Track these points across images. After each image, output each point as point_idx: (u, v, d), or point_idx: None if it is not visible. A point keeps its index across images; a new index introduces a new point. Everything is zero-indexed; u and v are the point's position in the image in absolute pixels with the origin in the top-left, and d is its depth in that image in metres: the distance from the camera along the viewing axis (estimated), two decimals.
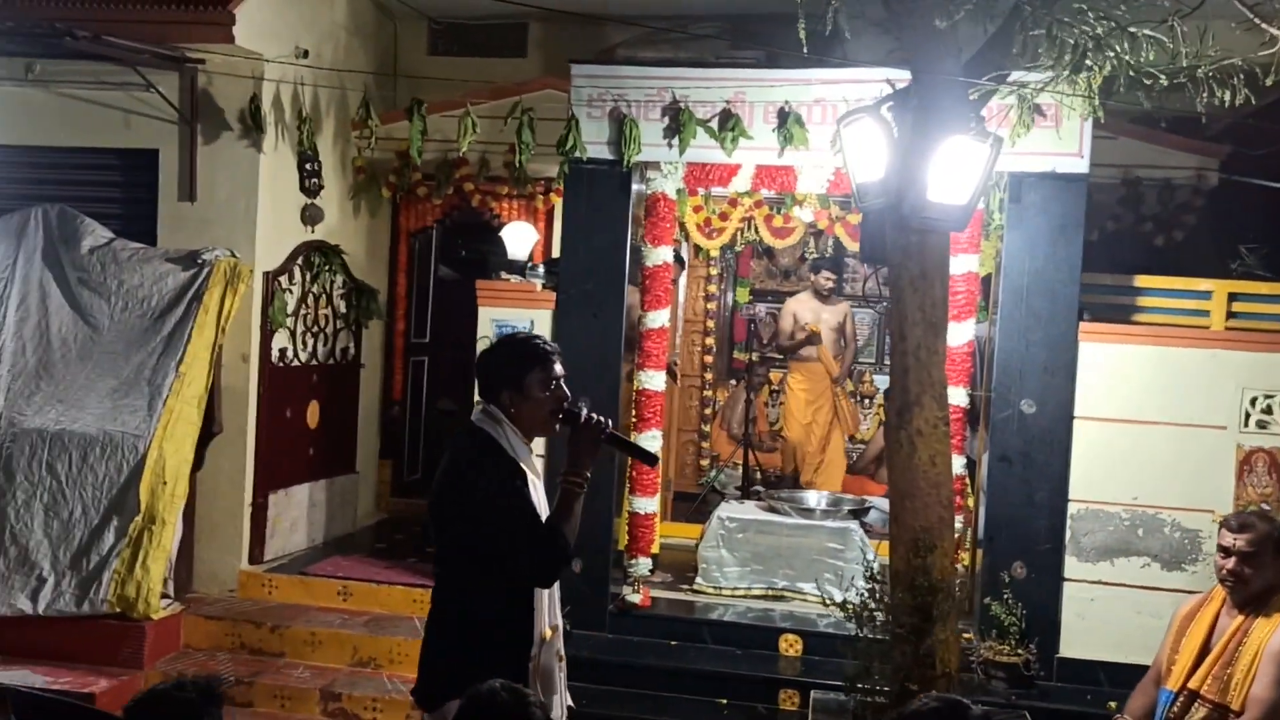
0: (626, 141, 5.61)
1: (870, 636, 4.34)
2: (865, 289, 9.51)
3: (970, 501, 5.89)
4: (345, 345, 7.10)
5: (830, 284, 7.79)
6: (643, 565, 5.84)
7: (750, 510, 6.34)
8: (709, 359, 9.05)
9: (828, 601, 5.03)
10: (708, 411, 9.04)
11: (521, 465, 2.96)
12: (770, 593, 6.13)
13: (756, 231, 7.15)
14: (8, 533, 5.59)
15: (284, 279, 6.34)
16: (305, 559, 6.48)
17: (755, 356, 9.36)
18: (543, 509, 2.98)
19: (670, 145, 5.63)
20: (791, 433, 7.81)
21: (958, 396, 5.51)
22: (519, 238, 5.96)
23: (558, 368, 3.05)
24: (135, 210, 6.26)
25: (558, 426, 3.04)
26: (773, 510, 6.30)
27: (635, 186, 5.82)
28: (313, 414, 6.72)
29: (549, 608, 3.04)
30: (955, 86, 4.11)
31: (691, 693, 5.40)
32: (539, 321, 5.85)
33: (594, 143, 5.68)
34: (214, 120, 6.09)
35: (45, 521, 5.60)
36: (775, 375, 9.32)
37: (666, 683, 5.44)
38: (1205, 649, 3.57)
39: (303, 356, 6.60)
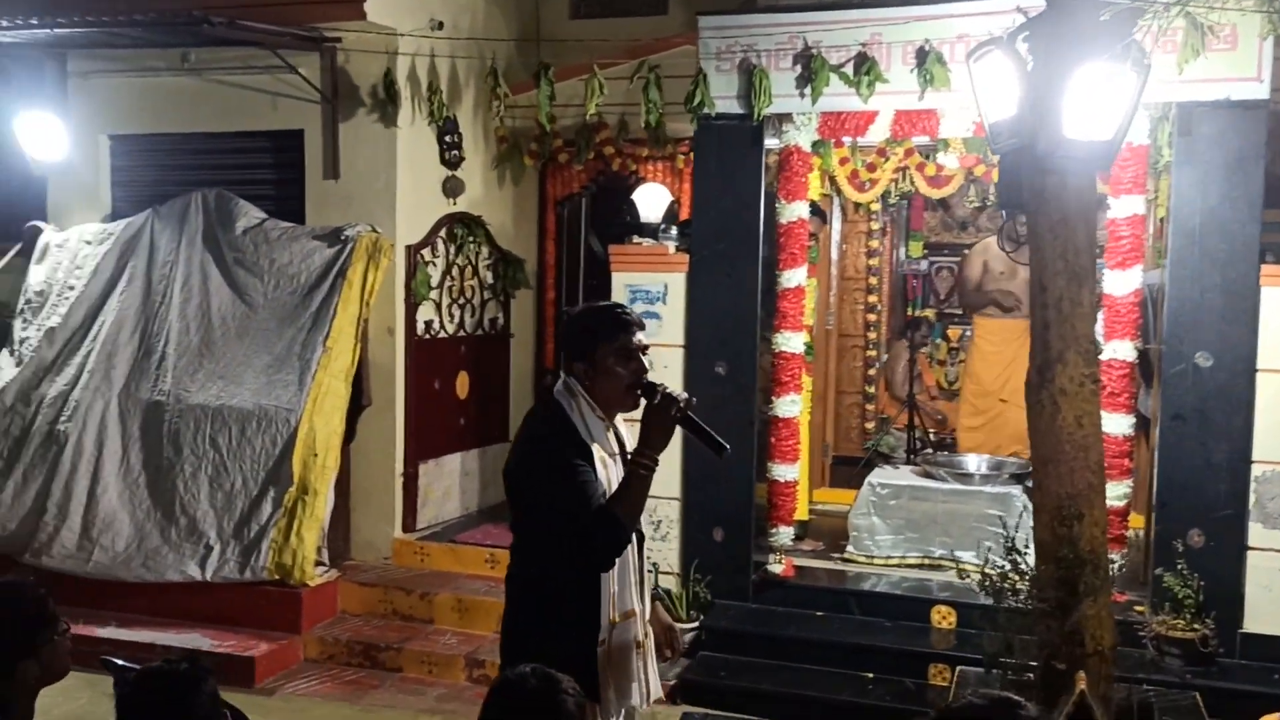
0: (756, 94, 5.38)
1: (1014, 608, 4.06)
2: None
3: (1141, 464, 5.42)
4: (494, 316, 7.15)
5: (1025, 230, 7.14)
6: (784, 534, 5.64)
7: (905, 476, 6.04)
8: (872, 317, 8.70)
9: (982, 571, 4.72)
10: (871, 372, 8.71)
11: (591, 444, 2.82)
12: (926, 562, 5.83)
13: (912, 182, 6.77)
14: (178, 503, 5.89)
15: (426, 252, 6.41)
16: (457, 527, 6.58)
17: (933, 313, 8.94)
18: (613, 488, 2.85)
19: (802, 95, 5.37)
20: (973, 393, 7.19)
21: (1125, 350, 5.07)
22: (651, 199, 5.83)
23: (637, 338, 2.88)
24: (285, 190, 6.45)
25: (637, 401, 2.87)
26: (928, 475, 5.99)
27: (768, 141, 5.59)
28: (462, 385, 6.80)
29: (625, 591, 2.90)
30: (1093, 6, 3.73)
31: (836, 665, 5.19)
32: (672, 285, 5.71)
33: (723, 97, 5.47)
34: (352, 98, 6.20)
35: (210, 492, 5.87)
36: (954, 332, 8.86)
37: (809, 655, 5.25)
38: None
39: (450, 328, 6.67)
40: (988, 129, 4.01)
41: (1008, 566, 4.08)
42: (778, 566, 5.62)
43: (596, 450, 2.84)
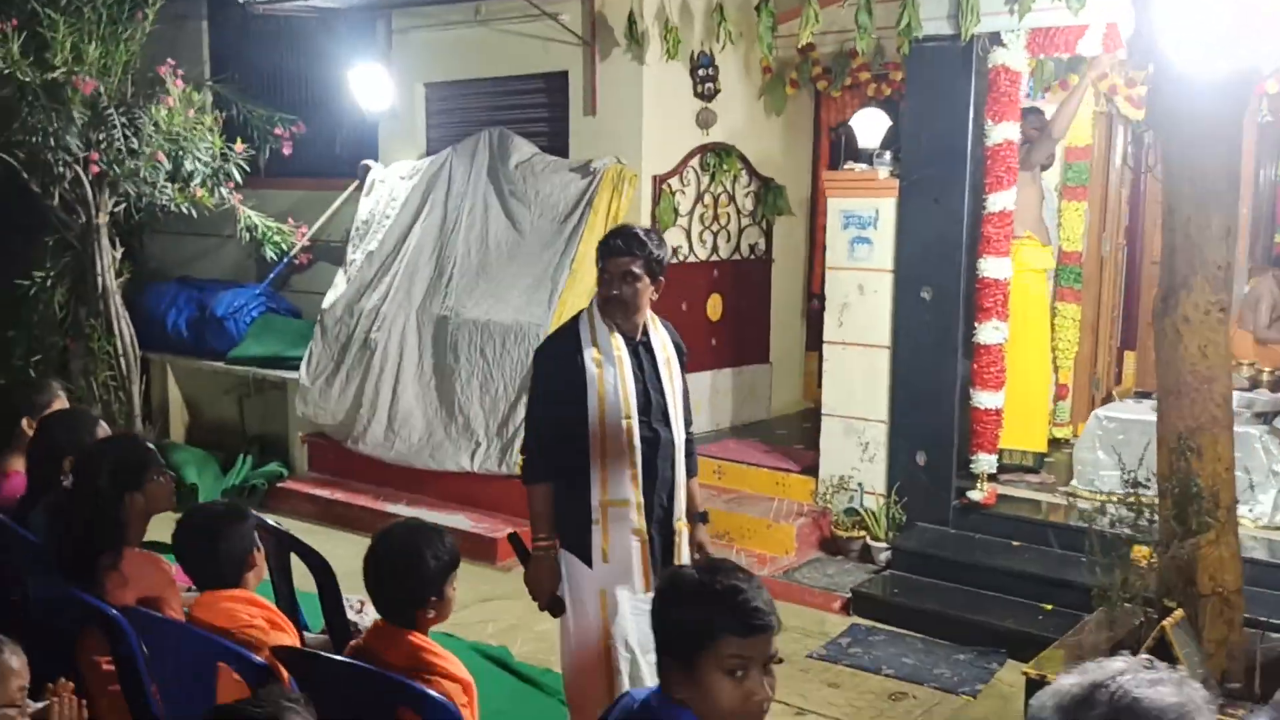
0: (964, 12, 5.28)
1: (1135, 539, 3.93)
2: None
3: None
4: (754, 241, 7.47)
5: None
6: (984, 461, 5.58)
7: (1134, 409, 5.72)
8: None
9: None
10: None
11: (589, 346, 3.26)
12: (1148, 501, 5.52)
13: None
14: (456, 404, 6.83)
15: (674, 181, 6.85)
16: (702, 441, 7.01)
17: None
18: (618, 385, 3.26)
19: (1011, 11, 5.20)
20: None
21: None
22: (868, 124, 5.88)
23: (617, 263, 3.29)
24: (554, 126, 7.13)
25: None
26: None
27: (983, 61, 5.46)
28: (714, 307, 7.21)
29: (618, 481, 3.29)
30: None
31: (1018, 595, 5.14)
32: (883, 211, 5.77)
33: (932, 19, 5.42)
34: (608, 39, 6.72)
35: (480, 396, 6.75)
36: None
37: (992, 583, 5.25)
38: None
39: (701, 253, 7.09)
40: (1126, 43, 3.81)
41: (1130, 498, 3.94)
42: (978, 493, 5.59)
43: (592, 352, 3.25)
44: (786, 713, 4.41)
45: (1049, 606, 5.04)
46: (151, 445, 3.14)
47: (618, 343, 3.37)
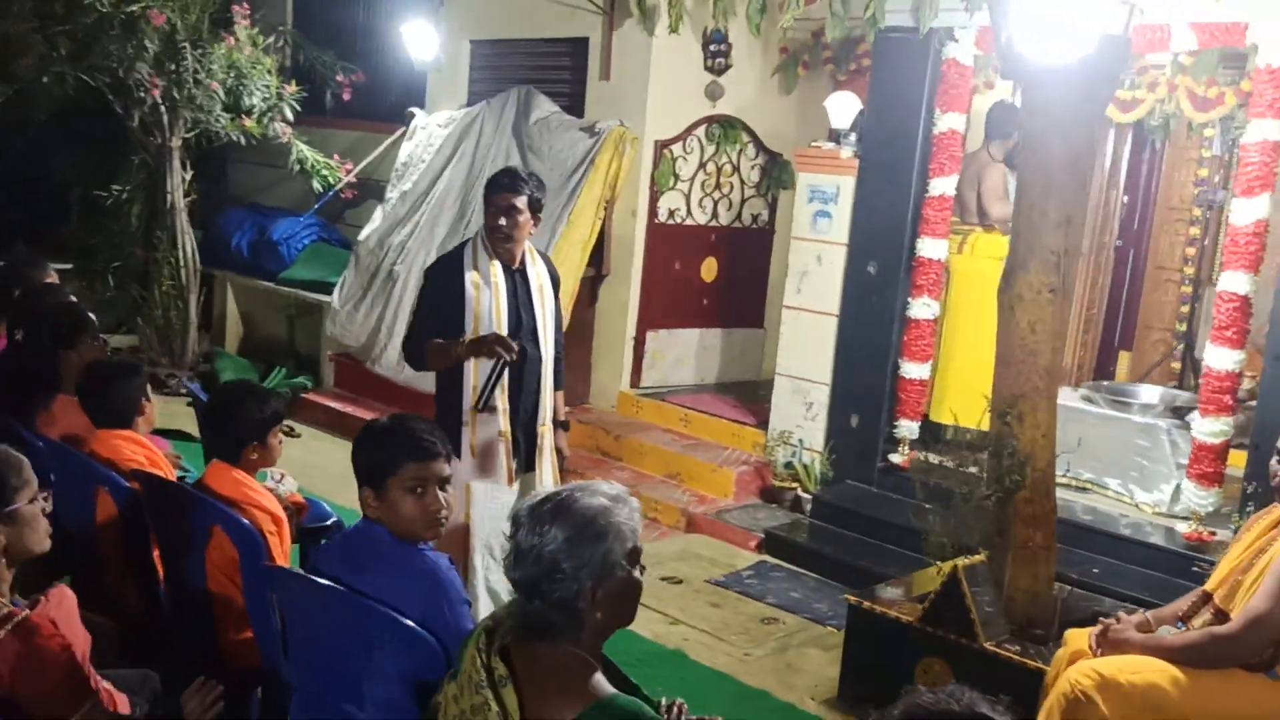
0: (923, 7, 5.63)
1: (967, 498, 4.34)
2: None
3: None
4: (757, 212, 7.91)
5: None
6: (906, 428, 5.97)
7: (1065, 396, 6.02)
8: (1191, 251, 8.16)
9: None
10: (1184, 310, 8.20)
11: (470, 270, 3.82)
12: (1075, 483, 5.86)
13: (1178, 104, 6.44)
14: None
15: (677, 147, 7.33)
16: (683, 391, 7.55)
17: None
18: (490, 307, 3.82)
19: (965, 8, 5.53)
20: None
21: (1238, 282, 4.81)
22: (840, 106, 6.25)
23: (503, 200, 3.82)
24: (574, 89, 7.69)
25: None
26: (1088, 400, 5.95)
27: (938, 54, 5.81)
28: (708, 269, 7.69)
29: (487, 389, 3.84)
30: None
31: (912, 549, 5.53)
32: (843, 188, 6.17)
33: (896, 11, 5.76)
34: (624, 9, 7.22)
35: None
36: None
37: (894, 536, 5.63)
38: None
39: (700, 218, 7.57)
40: (998, 46, 4.18)
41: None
42: (899, 457, 5.99)
43: (472, 275, 3.82)
44: (663, 621, 4.94)
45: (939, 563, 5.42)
46: (90, 315, 3.82)
47: (496, 269, 3.93)
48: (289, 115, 8.24)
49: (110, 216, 9.05)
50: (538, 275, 4.05)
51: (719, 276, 7.76)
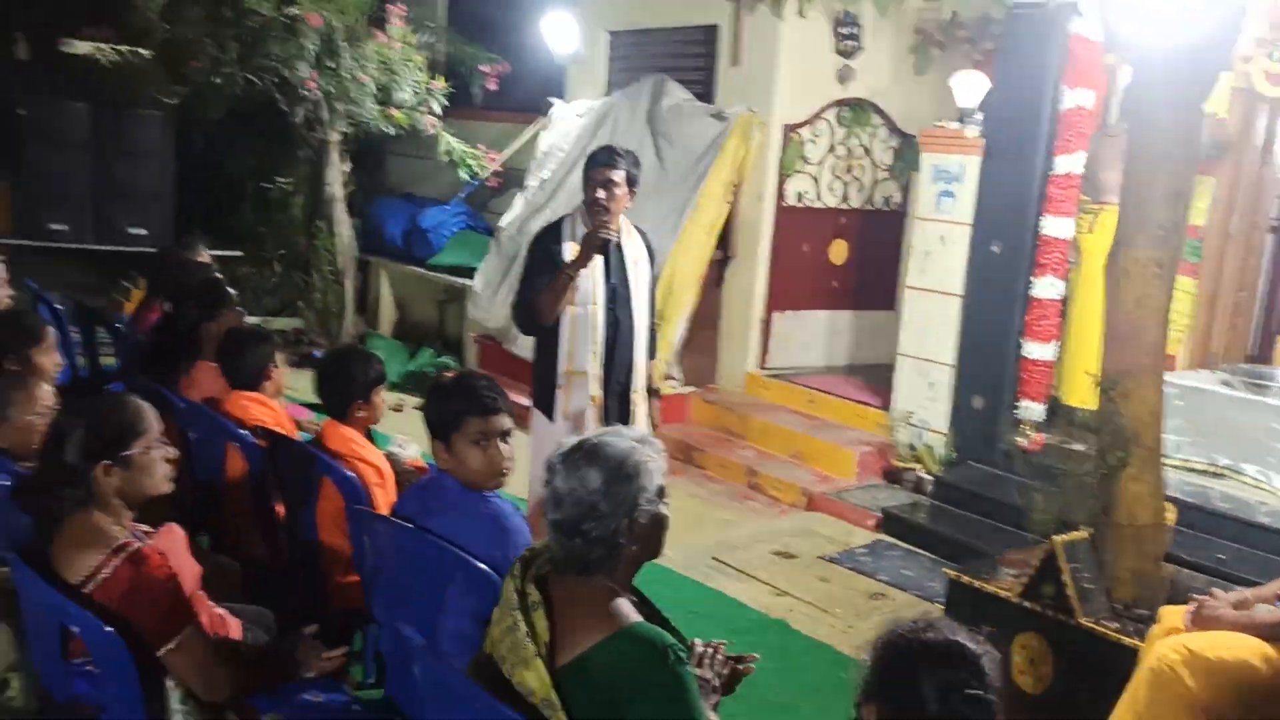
0: None
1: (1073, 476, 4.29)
2: None
3: None
4: (889, 194, 7.87)
5: None
6: (1029, 410, 5.88)
7: (1197, 379, 5.84)
8: None
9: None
10: None
11: (568, 241, 4.01)
12: (1211, 469, 5.67)
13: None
14: None
15: (805, 131, 7.37)
16: (810, 373, 7.59)
17: None
18: (589, 276, 4.00)
19: None
20: None
21: None
22: (966, 85, 6.19)
23: (604, 175, 3.98)
24: (705, 76, 7.81)
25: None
26: (1225, 384, 5.74)
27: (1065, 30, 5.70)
28: (838, 251, 7.71)
29: (580, 353, 4.03)
30: None
31: (1032, 531, 5.47)
32: (968, 167, 6.11)
33: None
34: None
35: None
36: None
37: (1014, 518, 5.56)
38: None
39: (830, 200, 7.59)
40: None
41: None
42: (1023, 440, 5.91)
43: (570, 245, 4.01)
44: (770, 592, 5.04)
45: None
46: (227, 289, 4.18)
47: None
48: (437, 108, 8.62)
49: (277, 207, 9.69)
50: (632, 247, 4.22)
51: (849, 259, 7.77)
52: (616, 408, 4.20)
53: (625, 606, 2.05)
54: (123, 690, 2.29)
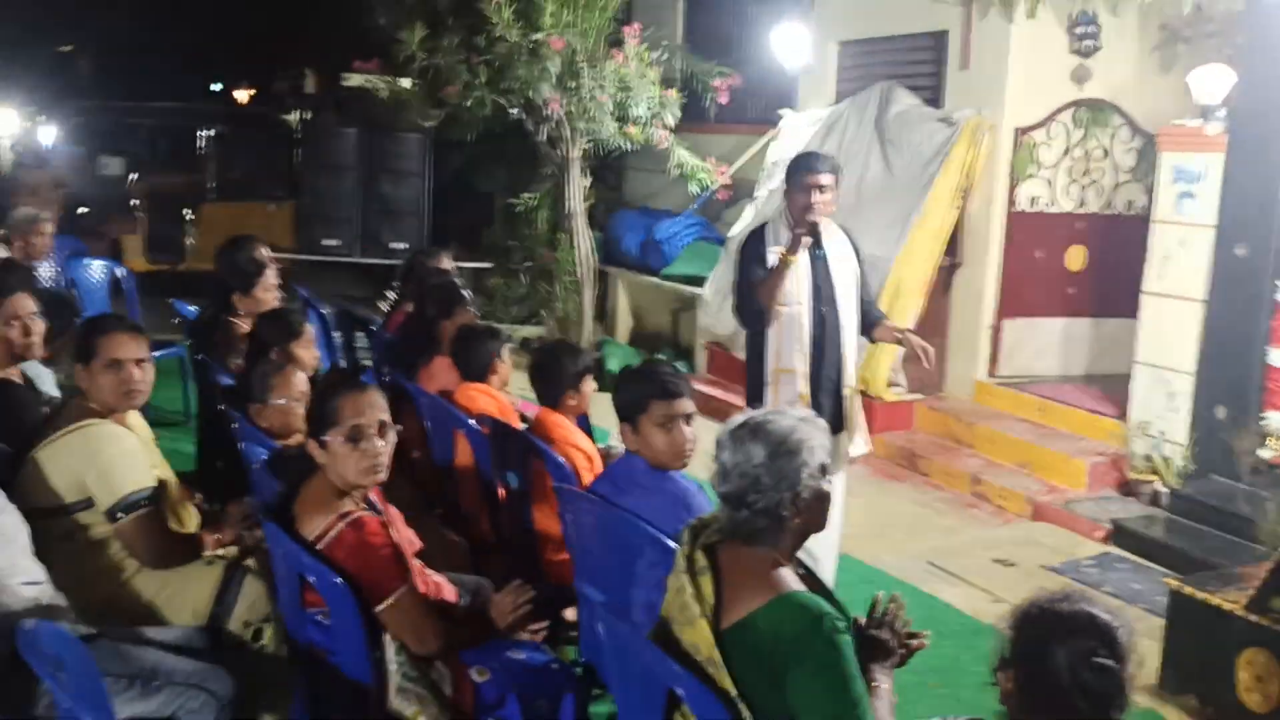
0: None
1: None
2: None
3: None
4: (1132, 198, 7.55)
5: None
6: (1276, 420, 5.53)
7: None
8: None
9: None
10: None
11: (774, 246, 4.15)
12: None
13: None
14: None
15: (1039, 134, 7.19)
16: (1044, 381, 7.37)
17: None
18: (794, 277, 4.12)
19: None
20: None
21: None
22: (1207, 80, 5.90)
23: (812, 179, 4.10)
24: (934, 82, 7.75)
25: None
26: None
27: None
28: (1074, 257, 7.45)
29: (788, 352, 4.15)
30: None
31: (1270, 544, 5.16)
32: (1210, 167, 5.82)
33: None
34: (982, 1, 7.20)
35: None
36: None
37: (1256, 534, 5.27)
38: None
39: (1066, 204, 7.36)
40: None
41: None
42: (1267, 452, 5.56)
43: (776, 249, 4.15)
44: (985, 598, 4.99)
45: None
46: (462, 291, 4.55)
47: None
48: (670, 122, 8.93)
49: (523, 222, 10.27)
50: (835, 246, 4.31)
51: (1088, 265, 7.50)
52: (829, 405, 4.29)
53: (787, 575, 2.18)
54: (349, 638, 2.61)
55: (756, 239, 4.34)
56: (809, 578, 2.28)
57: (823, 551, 4.20)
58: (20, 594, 2.71)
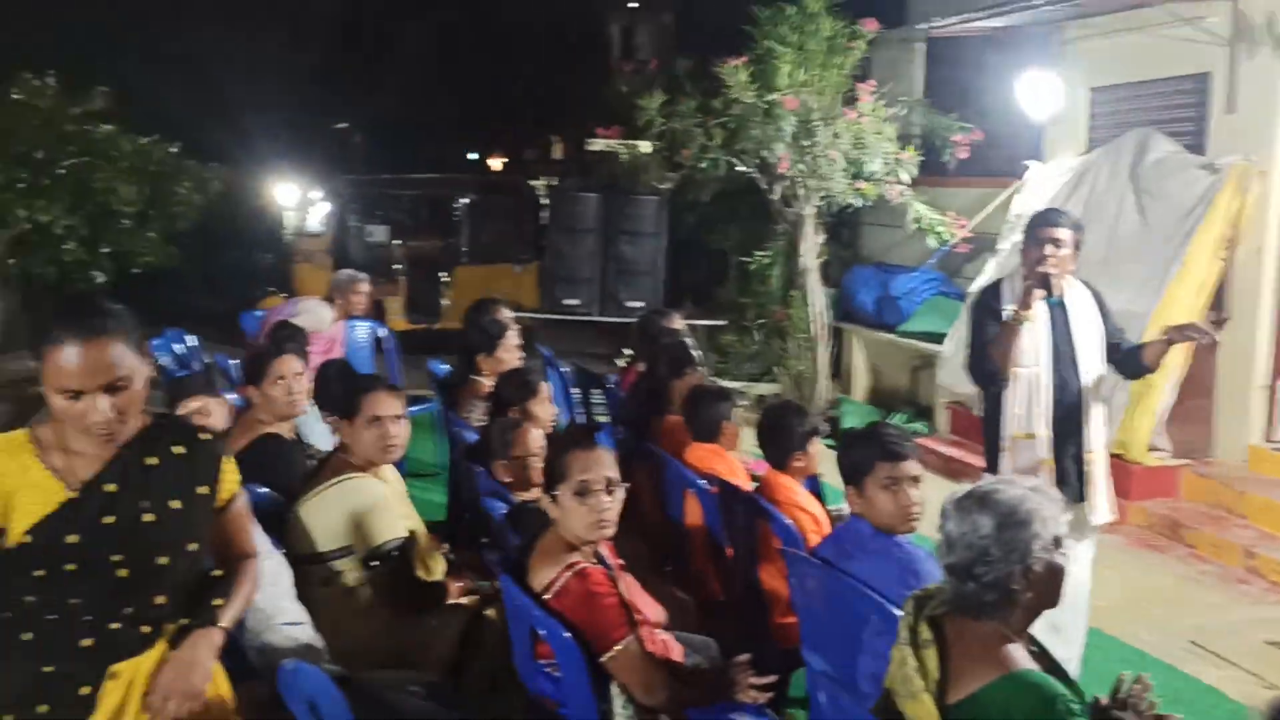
0: None
1: None
2: None
3: None
4: None
5: None
6: None
7: None
8: None
9: None
10: None
11: (1006, 305, 4.01)
12: None
13: None
14: None
15: None
16: None
17: None
18: (1033, 338, 3.97)
19: None
20: None
21: None
22: None
23: (1046, 233, 3.95)
24: (1195, 126, 7.29)
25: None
26: None
27: None
28: None
29: (1031, 416, 3.96)
30: None
31: None
32: None
33: None
34: (1250, 38, 6.75)
35: None
36: None
37: None
38: None
39: None
40: None
41: None
42: None
43: (1011, 308, 4.00)
44: (1256, 683, 4.57)
45: None
46: (692, 351, 4.62)
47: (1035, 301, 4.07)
48: (905, 178, 8.80)
49: (756, 279, 10.34)
50: (1077, 305, 4.10)
51: None
52: (1072, 471, 4.07)
53: (1018, 651, 2.08)
54: (577, 691, 2.67)
55: (992, 294, 4.21)
56: (1041, 656, 2.17)
57: (1069, 625, 3.98)
58: (283, 634, 2.93)
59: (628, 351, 7.44)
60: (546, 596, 2.73)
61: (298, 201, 16.87)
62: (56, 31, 13.24)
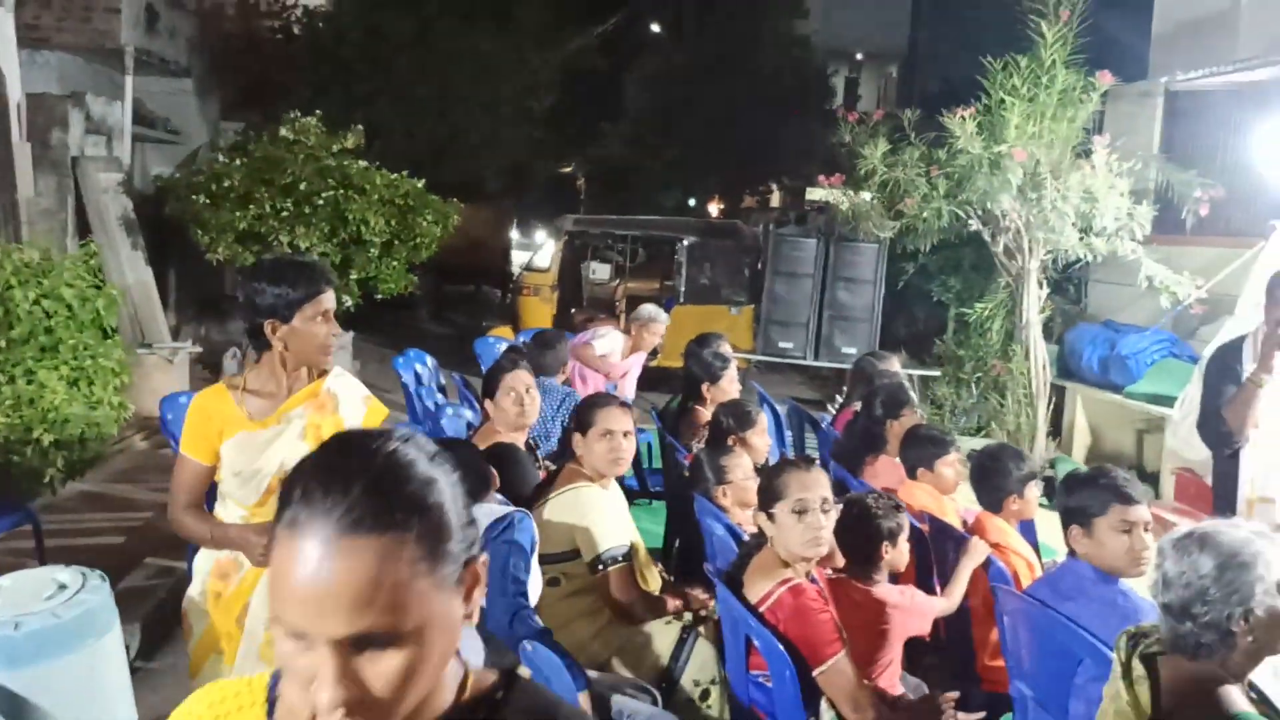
0: None
1: None
2: None
3: None
4: None
5: None
6: None
7: None
8: None
9: None
10: None
11: (1246, 363, 3.91)
12: None
13: None
14: None
15: None
16: None
17: None
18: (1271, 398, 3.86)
19: None
20: None
21: None
22: None
23: None
24: None
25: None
26: None
27: None
28: None
29: (1268, 477, 3.84)
30: None
31: None
32: None
33: None
34: None
35: None
36: None
37: None
38: None
39: None
40: None
41: None
42: None
43: (1250, 366, 3.90)
44: None
45: None
46: (909, 393, 4.69)
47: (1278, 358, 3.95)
48: (1138, 234, 8.55)
49: (975, 331, 10.20)
50: None
51: None
52: None
53: (1234, 694, 2.09)
54: (787, 701, 2.80)
55: (1232, 353, 4.11)
56: (1262, 702, 2.17)
57: None
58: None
59: (836, 397, 7.52)
60: (761, 609, 2.87)
61: (526, 238, 17.71)
62: (320, 74, 14.42)
